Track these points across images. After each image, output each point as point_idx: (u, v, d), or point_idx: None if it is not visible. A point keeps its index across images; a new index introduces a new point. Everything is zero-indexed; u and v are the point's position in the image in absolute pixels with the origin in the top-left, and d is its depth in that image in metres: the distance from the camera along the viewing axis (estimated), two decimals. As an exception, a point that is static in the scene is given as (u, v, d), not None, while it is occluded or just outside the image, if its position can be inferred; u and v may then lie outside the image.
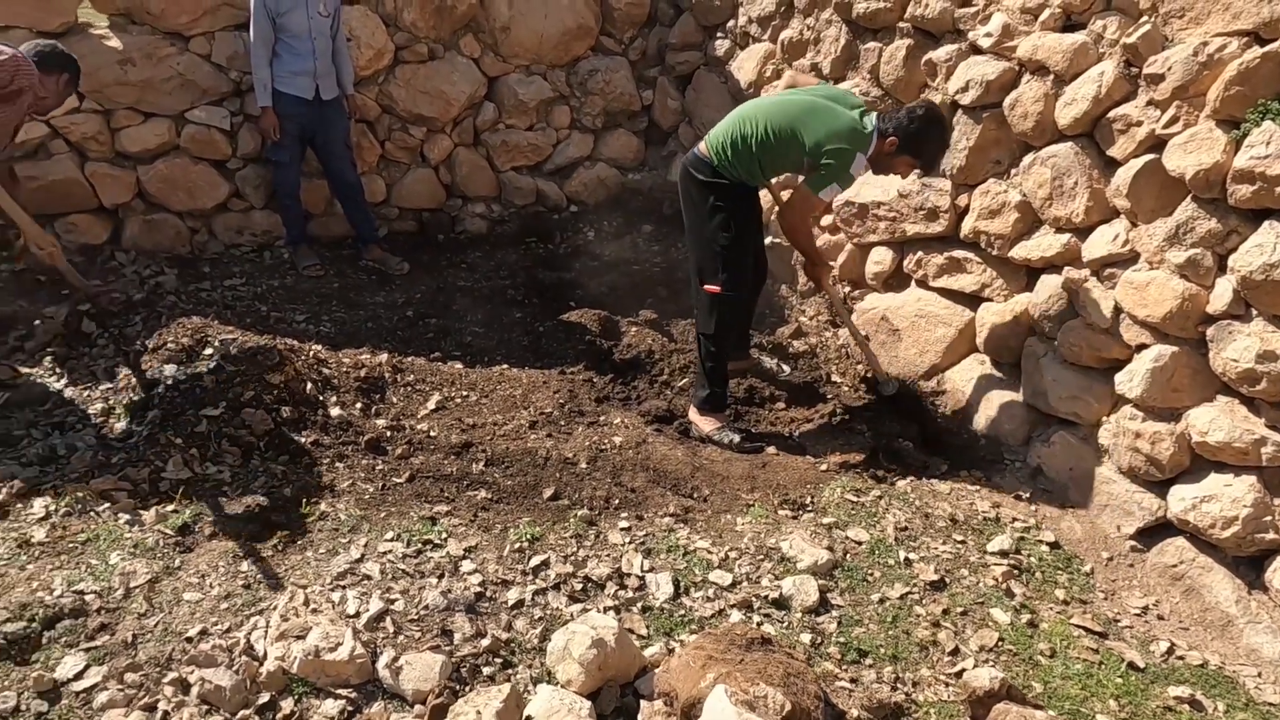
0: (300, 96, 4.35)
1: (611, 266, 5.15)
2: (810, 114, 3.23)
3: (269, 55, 4.29)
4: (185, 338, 3.52)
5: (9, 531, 2.47)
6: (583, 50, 5.44)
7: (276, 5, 4.20)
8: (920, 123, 3.12)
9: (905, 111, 3.17)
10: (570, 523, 2.75)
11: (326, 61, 4.37)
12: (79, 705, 1.96)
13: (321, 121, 4.46)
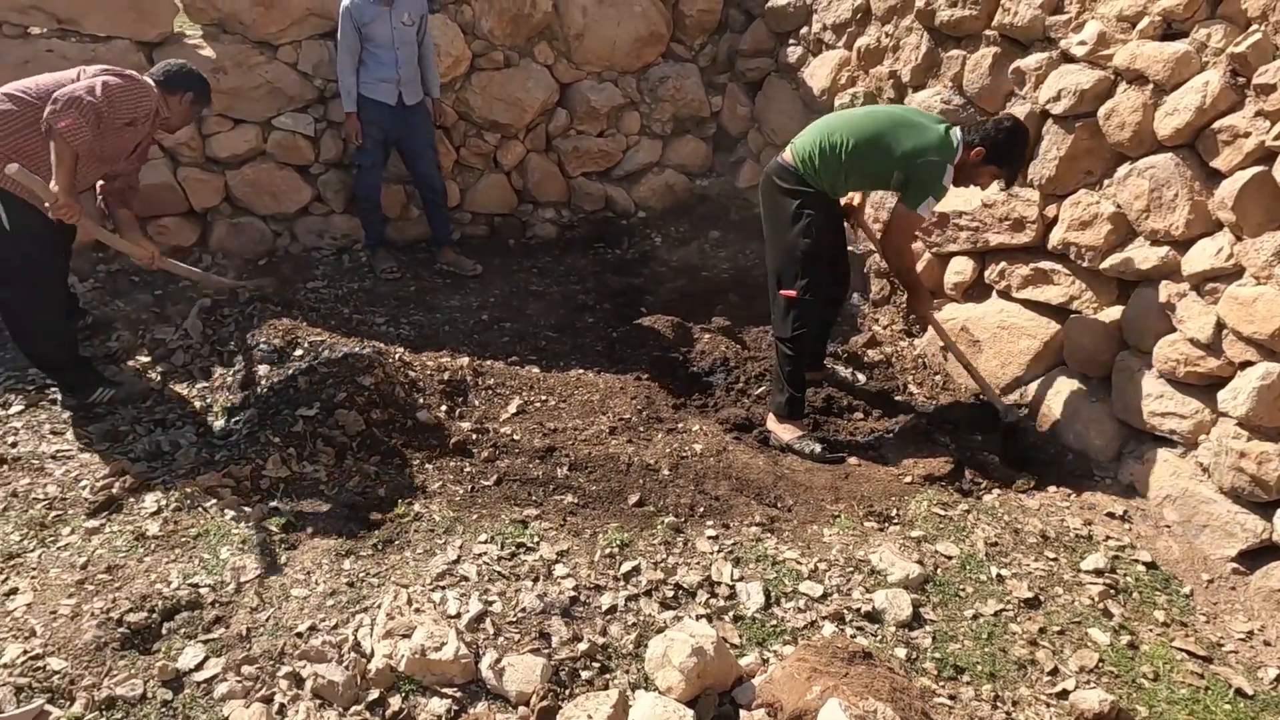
0: (383, 102, 4.45)
1: (680, 272, 5.17)
2: (899, 126, 3.25)
3: (354, 63, 4.40)
4: (277, 339, 3.63)
5: (125, 524, 2.58)
6: (654, 57, 5.47)
7: (361, 15, 4.31)
8: (1007, 134, 3.16)
9: (992, 123, 3.21)
10: (658, 529, 2.77)
11: (410, 69, 4.47)
12: (200, 695, 2.03)
13: (406, 126, 4.56)
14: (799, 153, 3.42)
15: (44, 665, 2.04)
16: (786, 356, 3.48)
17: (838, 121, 3.38)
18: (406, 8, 4.35)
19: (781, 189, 3.45)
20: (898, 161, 3.20)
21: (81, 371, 3.31)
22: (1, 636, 2.12)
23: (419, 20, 4.44)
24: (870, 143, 3.24)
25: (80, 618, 2.19)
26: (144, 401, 3.35)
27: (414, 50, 4.45)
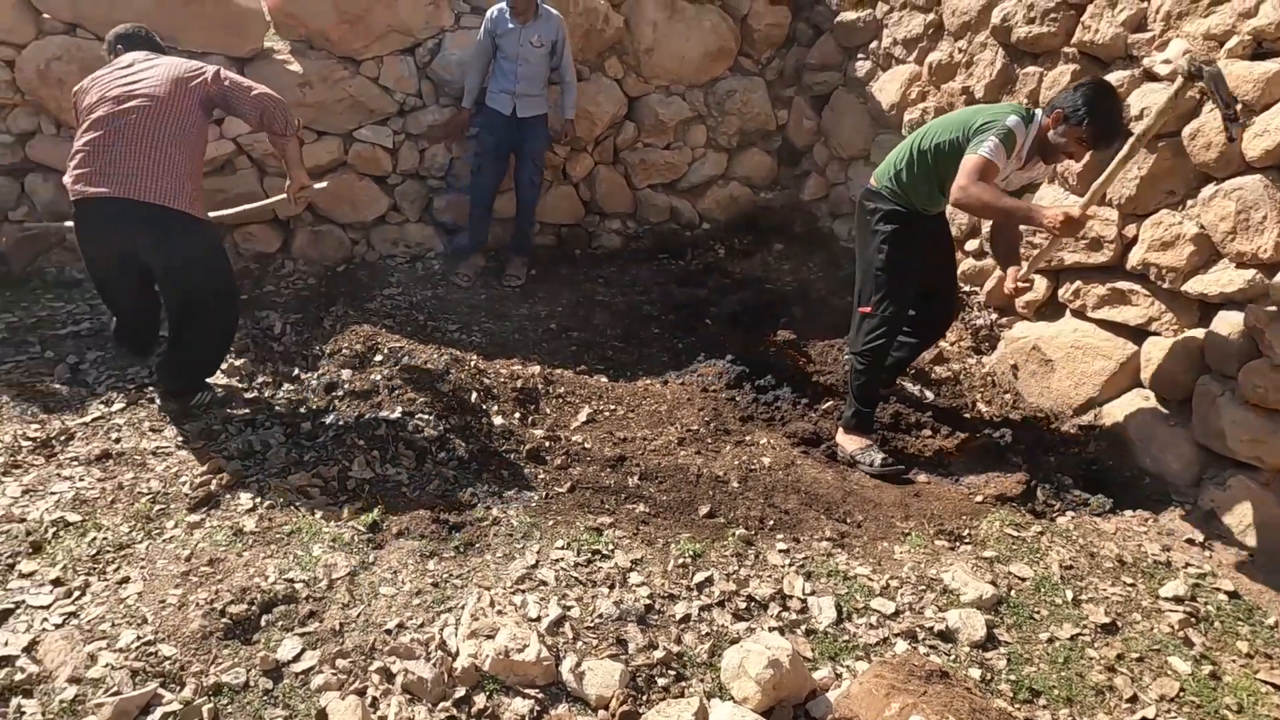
0: (500, 111, 4.71)
1: (743, 284, 5.20)
2: (973, 113, 3.20)
3: (480, 66, 4.71)
4: (358, 344, 3.77)
5: (223, 520, 2.72)
6: (721, 71, 5.54)
7: (495, 26, 4.61)
8: (1088, 94, 2.93)
9: (1072, 87, 3.04)
10: (729, 541, 2.81)
11: (528, 85, 4.66)
12: (299, 685, 2.14)
13: (519, 136, 4.78)
14: (880, 174, 3.45)
15: (156, 651, 2.17)
16: (858, 371, 3.49)
17: (913, 135, 3.40)
18: (538, 30, 4.57)
19: (866, 209, 3.49)
20: (961, 132, 3.13)
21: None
22: (117, 622, 2.26)
23: (550, 44, 4.64)
24: (948, 139, 3.19)
25: (186, 607, 2.32)
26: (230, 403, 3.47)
27: (536, 69, 4.67)
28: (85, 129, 3.05)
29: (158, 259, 3.12)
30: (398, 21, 4.66)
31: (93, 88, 3.13)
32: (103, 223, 3.04)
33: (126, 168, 2.99)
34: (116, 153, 2.99)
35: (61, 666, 2.11)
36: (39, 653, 2.15)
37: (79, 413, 3.38)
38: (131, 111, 3.03)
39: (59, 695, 2.03)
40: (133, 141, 3.00)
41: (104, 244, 3.12)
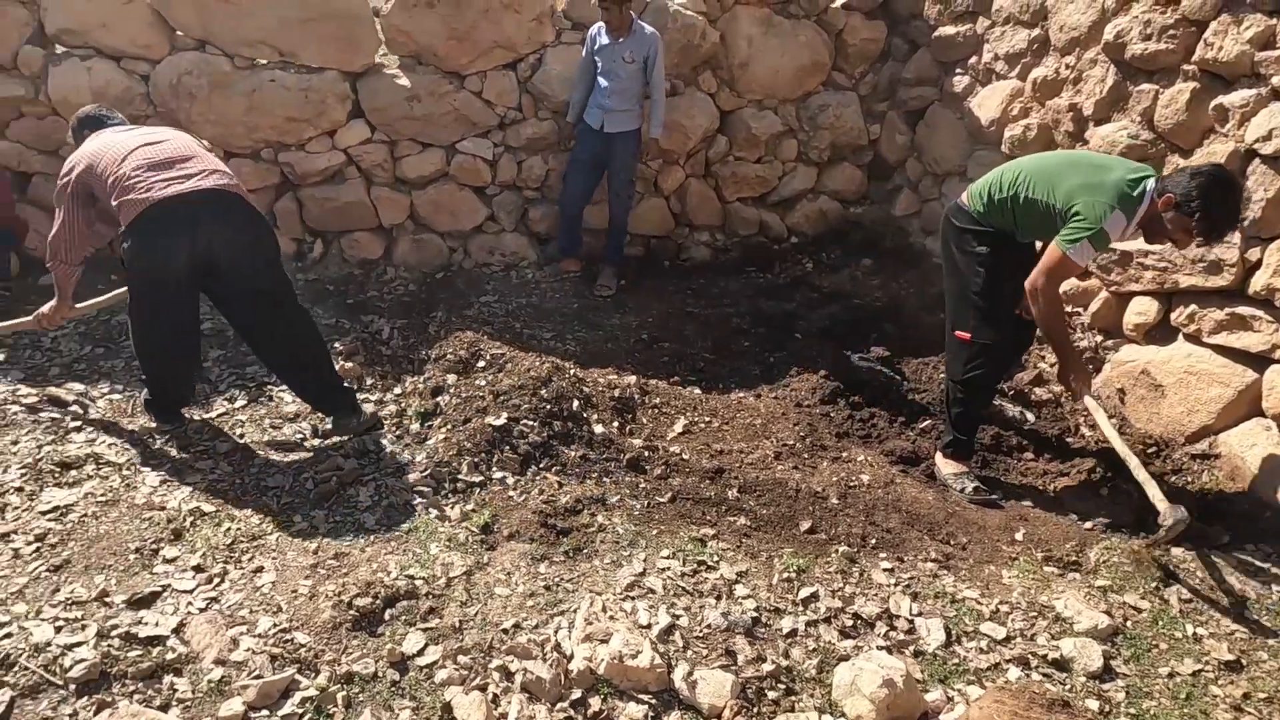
0: (589, 124, 4.84)
1: (832, 298, 5.18)
2: (1071, 167, 3.07)
3: (584, 83, 4.86)
4: (462, 350, 3.89)
5: (346, 517, 2.84)
6: (814, 85, 5.53)
7: (593, 42, 4.77)
8: (1204, 185, 2.76)
9: (1188, 172, 2.84)
10: (832, 558, 2.82)
11: (618, 100, 4.76)
12: (423, 679, 2.23)
13: (608, 151, 4.90)
14: (973, 192, 3.37)
15: (291, 638, 2.29)
16: (957, 399, 3.42)
17: (1015, 162, 3.32)
18: (631, 46, 4.67)
19: (955, 227, 3.40)
20: (1061, 198, 2.99)
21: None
22: (254, 609, 2.39)
23: (642, 60, 4.71)
24: (1041, 177, 3.09)
25: (317, 598, 2.44)
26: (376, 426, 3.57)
27: (627, 85, 4.76)
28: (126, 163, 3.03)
29: (248, 256, 3.13)
30: (503, 38, 4.80)
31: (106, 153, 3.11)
32: (188, 220, 2.98)
33: (196, 167, 3.10)
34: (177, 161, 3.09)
35: (207, 648, 2.25)
36: (186, 634, 2.30)
37: (205, 408, 3.58)
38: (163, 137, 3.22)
39: (207, 675, 2.16)
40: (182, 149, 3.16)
41: (183, 247, 2.99)
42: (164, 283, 3.08)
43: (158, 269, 3.04)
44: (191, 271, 3.07)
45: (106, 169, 3.05)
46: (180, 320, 3.24)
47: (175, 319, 3.21)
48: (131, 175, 2.99)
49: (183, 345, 3.34)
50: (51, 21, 4.50)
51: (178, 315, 3.21)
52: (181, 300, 3.18)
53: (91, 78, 4.54)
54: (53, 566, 2.55)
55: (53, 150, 4.72)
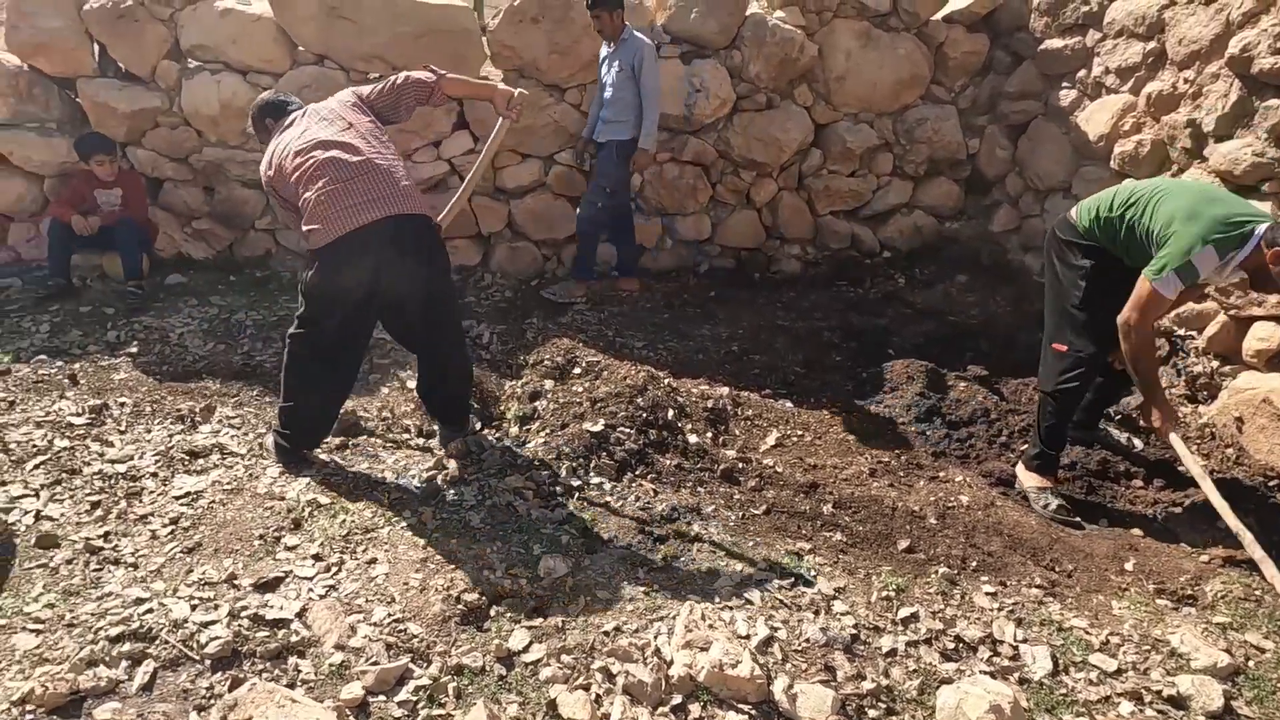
0: (591, 137, 4.86)
1: (925, 315, 5.11)
2: (1182, 193, 2.98)
3: (597, 97, 4.83)
4: (559, 356, 3.98)
5: (451, 515, 2.95)
6: (912, 98, 5.47)
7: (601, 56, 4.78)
8: None
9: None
10: (932, 579, 2.78)
11: (612, 110, 4.71)
12: (529, 675, 2.29)
13: (598, 161, 4.88)
14: (1083, 208, 3.31)
15: (405, 629, 2.39)
16: (1048, 411, 3.36)
17: (1136, 183, 3.23)
18: (621, 54, 4.62)
19: (1059, 240, 3.36)
20: (1160, 222, 2.92)
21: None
22: (370, 599, 2.51)
23: (630, 68, 4.59)
24: (1150, 201, 3.02)
25: (427, 592, 2.54)
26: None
27: (619, 95, 4.63)
28: (307, 184, 2.95)
29: (428, 281, 3.07)
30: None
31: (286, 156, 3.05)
32: (376, 250, 2.91)
33: (381, 190, 2.95)
34: (361, 184, 2.93)
35: (328, 634, 2.37)
36: (308, 619, 2.42)
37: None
38: (342, 149, 2.99)
39: (328, 659, 2.28)
40: (366, 170, 2.96)
41: (369, 278, 2.94)
42: (344, 309, 3.00)
43: (341, 295, 2.97)
44: (370, 302, 3.01)
45: (295, 184, 2.99)
46: (350, 351, 3.17)
47: (344, 350, 3.14)
48: (321, 201, 2.89)
49: (342, 382, 3.23)
50: (187, 38, 4.81)
51: (348, 345, 3.15)
52: (358, 330, 3.13)
53: (220, 90, 4.84)
54: (186, 548, 2.73)
55: (183, 158, 5.05)
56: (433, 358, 3.34)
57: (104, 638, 2.28)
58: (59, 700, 2.08)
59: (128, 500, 2.99)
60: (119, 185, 4.85)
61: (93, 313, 4.63)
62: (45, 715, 2.06)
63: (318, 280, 2.97)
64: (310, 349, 3.10)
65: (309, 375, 3.15)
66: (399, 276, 2.99)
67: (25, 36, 4.76)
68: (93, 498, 2.99)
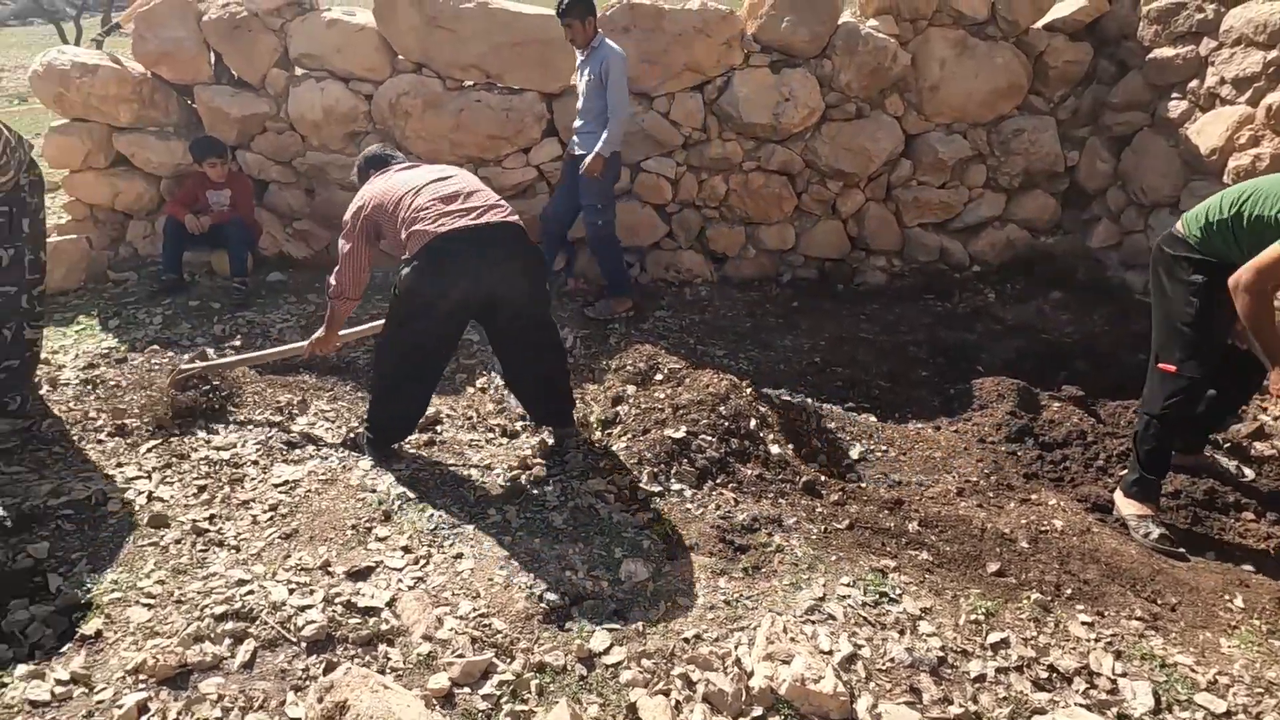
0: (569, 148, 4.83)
1: (1016, 332, 4.94)
2: None
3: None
4: (641, 362, 4.01)
5: (535, 514, 3.00)
6: (1008, 109, 5.32)
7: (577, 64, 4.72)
8: None
9: None
10: (1024, 604, 2.68)
11: (585, 119, 4.64)
12: (609, 677, 2.31)
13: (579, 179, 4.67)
14: (1189, 219, 3.14)
15: (489, 624, 2.44)
16: (1149, 435, 3.20)
17: (1242, 183, 3.07)
18: (591, 63, 4.55)
19: (1167, 255, 3.19)
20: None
21: None
22: (456, 592, 2.57)
23: (598, 76, 4.51)
24: (1271, 191, 2.84)
25: (510, 588, 2.59)
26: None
27: (590, 104, 4.56)
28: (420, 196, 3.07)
29: (523, 292, 3.15)
30: (692, 61, 4.93)
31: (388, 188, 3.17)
32: (475, 254, 2.99)
33: (480, 201, 3.11)
34: (462, 196, 3.10)
35: (416, 624, 2.44)
36: (398, 608, 2.50)
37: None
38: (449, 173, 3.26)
39: (416, 649, 2.34)
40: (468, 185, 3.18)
41: (464, 280, 3.00)
42: (437, 313, 3.06)
43: (435, 299, 3.02)
44: (466, 305, 3.09)
45: (399, 204, 3.08)
46: (438, 355, 3.28)
47: (433, 353, 3.24)
48: (425, 207, 3.02)
49: (427, 383, 3.34)
50: (295, 47, 5.05)
51: (437, 349, 3.25)
52: (448, 334, 3.22)
53: (324, 96, 5.05)
54: (284, 534, 2.85)
55: (287, 161, 5.30)
56: (529, 362, 3.37)
57: (209, 615, 2.40)
58: (168, 672, 2.20)
59: (231, 486, 3.14)
60: (228, 186, 5.11)
61: (201, 307, 4.88)
62: (156, 685, 2.17)
63: (413, 283, 3.03)
64: (401, 351, 3.20)
65: (398, 376, 3.26)
66: (495, 280, 3.05)
67: (151, 46, 5.07)
68: (199, 482, 3.15)
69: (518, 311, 3.21)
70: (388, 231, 3.16)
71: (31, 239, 3.40)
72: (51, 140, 5.21)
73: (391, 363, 3.26)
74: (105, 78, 5.00)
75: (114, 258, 5.45)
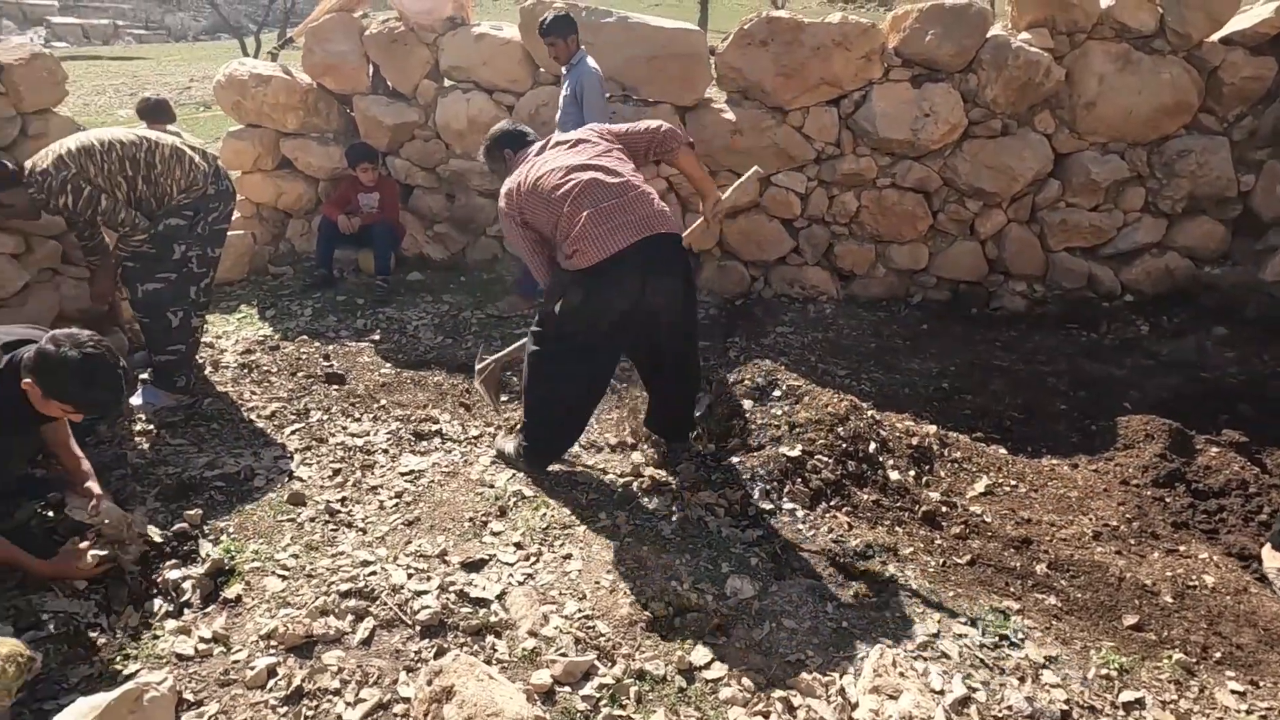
0: None
1: (1172, 369, 4.57)
2: None
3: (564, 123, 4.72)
4: (759, 377, 3.96)
5: (644, 522, 3.02)
6: (1174, 128, 4.93)
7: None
8: None
9: None
10: (1164, 664, 2.47)
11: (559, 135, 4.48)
12: (708, 692, 2.29)
13: None
14: None
15: (594, 626, 2.47)
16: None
17: None
18: (569, 78, 4.61)
19: None
20: None
21: None
22: (563, 592, 2.62)
23: (573, 93, 4.58)
24: None
25: (616, 593, 2.61)
26: None
27: (570, 119, 4.55)
28: (569, 205, 2.94)
29: (679, 305, 3.08)
30: (830, 75, 4.85)
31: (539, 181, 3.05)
32: (638, 271, 2.90)
33: (642, 211, 2.95)
34: (623, 205, 2.94)
35: (523, 619, 2.50)
36: (507, 602, 2.57)
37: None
38: (600, 171, 3.00)
39: (521, 643, 2.40)
40: (626, 191, 2.97)
41: (630, 299, 2.92)
42: (594, 330, 3.01)
43: (599, 319, 2.97)
44: (628, 322, 3.01)
45: (550, 207, 2.99)
46: (600, 375, 3.23)
47: (596, 373, 3.19)
48: (582, 223, 2.90)
49: (588, 403, 3.31)
50: (445, 60, 5.32)
51: (600, 369, 3.20)
52: (609, 353, 3.19)
53: (469, 107, 5.30)
54: (406, 521, 2.99)
55: (431, 168, 5.59)
56: (669, 373, 3.34)
57: (335, 591, 2.55)
58: (296, 640, 2.35)
59: (362, 471, 3.33)
60: (378, 190, 5.44)
61: (346, 301, 5.21)
62: (285, 651, 2.33)
63: (579, 301, 2.96)
64: (565, 368, 3.11)
65: (558, 393, 3.17)
66: (656, 294, 2.97)
67: (318, 59, 5.48)
68: (335, 465, 3.36)
69: (674, 325, 3.16)
70: (542, 229, 3.07)
71: (209, 240, 3.73)
72: (228, 144, 5.71)
73: (548, 385, 3.16)
74: (277, 87, 5.44)
75: (274, 253, 5.91)
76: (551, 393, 3.18)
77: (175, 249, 3.59)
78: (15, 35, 16.55)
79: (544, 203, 3.01)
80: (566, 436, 3.36)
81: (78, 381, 2.42)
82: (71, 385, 2.43)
